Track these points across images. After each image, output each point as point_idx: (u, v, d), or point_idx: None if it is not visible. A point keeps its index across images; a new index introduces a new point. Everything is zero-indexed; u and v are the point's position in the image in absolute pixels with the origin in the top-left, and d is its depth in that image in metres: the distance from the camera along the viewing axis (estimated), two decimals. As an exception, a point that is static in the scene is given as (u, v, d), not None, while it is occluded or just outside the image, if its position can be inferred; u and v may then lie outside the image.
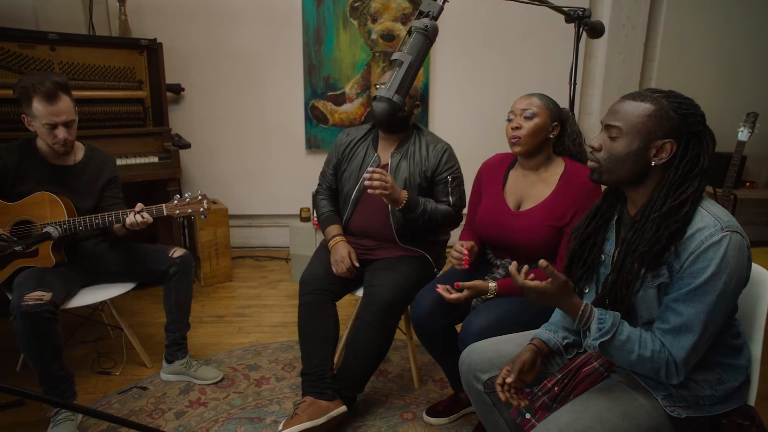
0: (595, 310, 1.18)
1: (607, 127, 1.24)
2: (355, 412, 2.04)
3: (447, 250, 2.22)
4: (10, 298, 2.06)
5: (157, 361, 2.44)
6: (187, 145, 3.35)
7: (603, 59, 3.83)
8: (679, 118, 1.17)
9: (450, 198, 2.09)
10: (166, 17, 3.56)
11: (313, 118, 3.81)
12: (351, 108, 3.81)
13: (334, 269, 2.06)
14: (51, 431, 1.87)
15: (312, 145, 3.86)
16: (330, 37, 3.70)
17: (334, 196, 2.27)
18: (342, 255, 2.06)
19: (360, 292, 2.15)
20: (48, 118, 1.94)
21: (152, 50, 3.18)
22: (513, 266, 1.23)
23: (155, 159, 2.97)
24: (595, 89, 3.91)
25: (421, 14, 1.49)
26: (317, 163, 3.87)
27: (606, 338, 1.14)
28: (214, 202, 3.41)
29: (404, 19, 3.70)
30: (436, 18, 1.49)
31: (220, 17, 3.64)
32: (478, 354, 1.47)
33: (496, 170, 1.94)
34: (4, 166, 2.02)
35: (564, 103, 1.95)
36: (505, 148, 1.86)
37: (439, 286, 1.73)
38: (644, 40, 3.81)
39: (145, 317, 2.90)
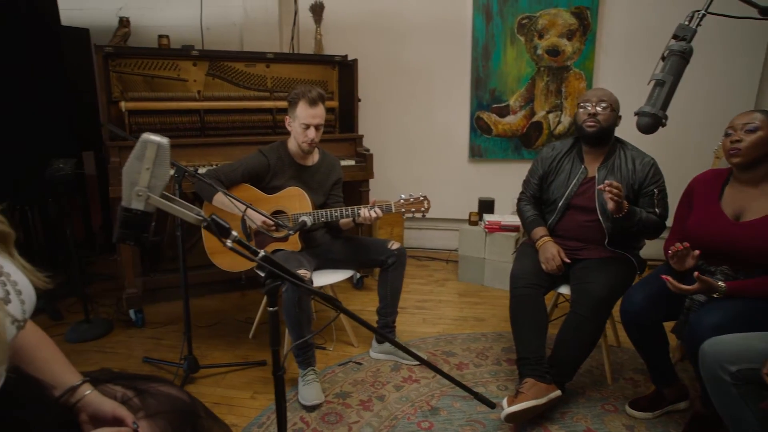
0: None
1: None
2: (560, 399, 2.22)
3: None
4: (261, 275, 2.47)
5: (360, 342, 2.76)
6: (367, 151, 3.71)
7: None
8: None
9: (656, 209, 2.22)
10: (344, 33, 3.96)
11: (478, 128, 4.05)
12: (514, 120, 4.01)
13: (544, 266, 2.26)
14: (302, 389, 2.22)
15: (475, 153, 4.10)
16: (497, 52, 3.92)
17: (537, 203, 2.48)
18: (552, 253, 2.25)
19: (563, 290, 2.34)
20: (306, 119, 2.34)
21: (344, 65, 3.58)
22: None
23: (352, 162, 3.34)
24: (768, 102, 3.81)
25: (677, 38, 1.65)
26: (479, 171, 4.14)
27: None
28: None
29: (570, 35, 3.84)
30: (690, 40, 1.65)
31: (395, 34, 4.00)
32: (725, 346, 1.59)
33: (710, 184, 2.05)
34: (267, 163, 2.43)
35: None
36: (673, 162, 1.95)
37: (664, 276, 1.87)
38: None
39: (336, 303, 3.26)
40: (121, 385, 1.20)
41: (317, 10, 3.81)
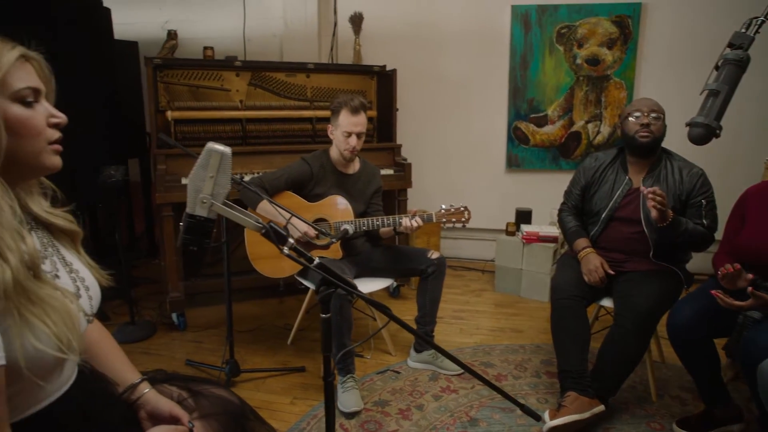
0: None
1: None
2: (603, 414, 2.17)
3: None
4: (305, 283, 2.51)
5: (398, 351, 2.76)
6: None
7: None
8: None
9: (704, 221, 2.17)
10: (382, 43, 4.00)
11: (515, 138, 4.03)
12: (552, 129, 3.97)
13: (586, 278, 2.23)
14: (342, 395, 2.23)
15: (512, 163, 4.08)
16: (536, 62, 3.90)
17: (579, 214, 2.44)
18: (595, 265, 2.22)
19: (605, 302, 2.30)
20: (348, 126, 2.38)
21: (382, 75, 3.61)
22: None
23: (390, 171, 3.36)
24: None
25: (732, 46, 1.62)
26: (516, 181, 4.11)
27: None
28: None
29: (610, 44, 3.79)
30: (747, 48, 1.61)
31: (433, 44, 4.02)
32: (784, 366, 1.54)
33: (765, 197, 1.99)
34: (310, 171, 2.47)
35: None
36: (720, 173, 1.88)
37: (713, 291, 1.82)
38: None
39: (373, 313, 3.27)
40: (176, 385, 1.23)
41: (356, 21, 3.87)
